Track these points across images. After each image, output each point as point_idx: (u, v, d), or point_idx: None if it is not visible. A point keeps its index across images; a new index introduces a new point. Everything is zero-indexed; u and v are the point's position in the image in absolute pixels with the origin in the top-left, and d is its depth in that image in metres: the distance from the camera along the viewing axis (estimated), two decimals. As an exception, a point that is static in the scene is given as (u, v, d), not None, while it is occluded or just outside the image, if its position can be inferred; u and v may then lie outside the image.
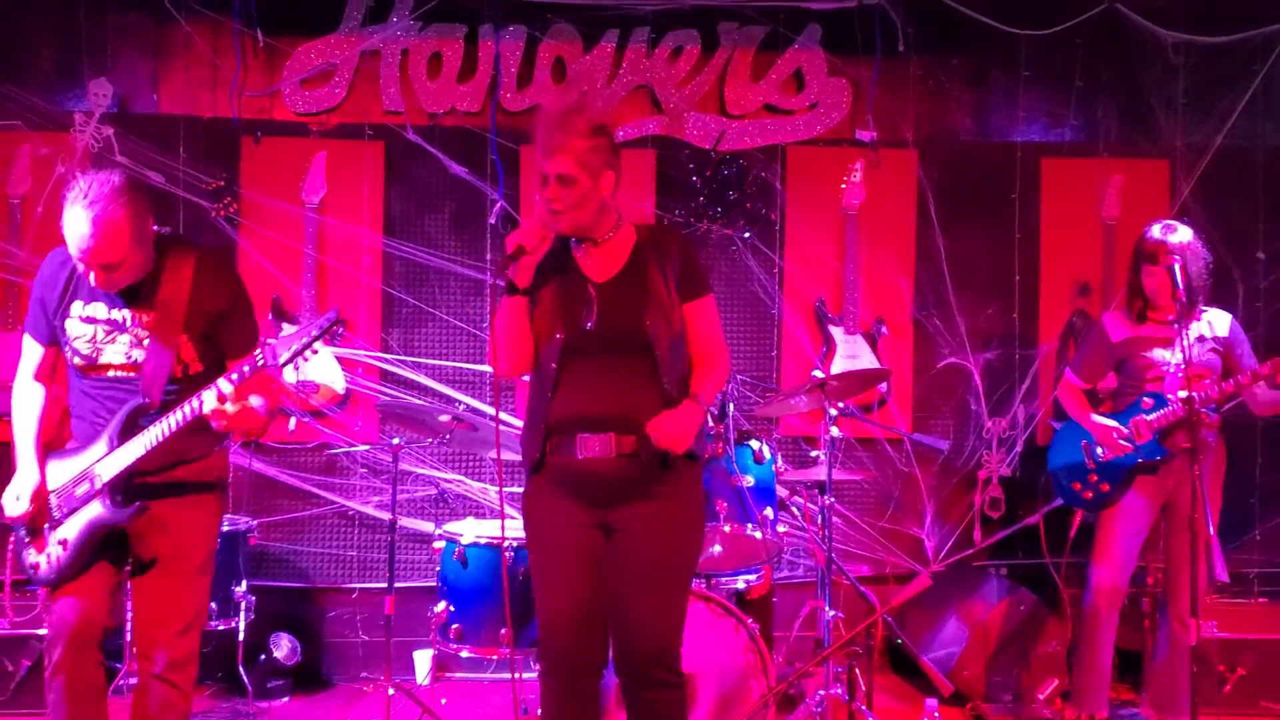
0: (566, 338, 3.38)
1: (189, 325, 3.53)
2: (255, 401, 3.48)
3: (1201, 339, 4.66)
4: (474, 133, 5.90)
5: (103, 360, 3.54)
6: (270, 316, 5.67)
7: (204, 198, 5.74)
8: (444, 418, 4.79)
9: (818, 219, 6.00)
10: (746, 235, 5.99)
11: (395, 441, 4.95)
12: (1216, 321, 4.76)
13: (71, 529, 3.51)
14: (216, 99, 5.86)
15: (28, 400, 3.68)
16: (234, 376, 3.37)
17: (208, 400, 3.38)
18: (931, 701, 4.47)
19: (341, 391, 5.68)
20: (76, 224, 3.31)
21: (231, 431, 3.49)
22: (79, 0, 5.74)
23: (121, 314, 3.53)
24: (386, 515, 5.01)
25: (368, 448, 5.62)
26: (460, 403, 5.76)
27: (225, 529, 5.09)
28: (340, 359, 5.72)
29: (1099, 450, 4.81)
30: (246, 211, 5.78)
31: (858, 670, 4.54)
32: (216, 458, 3.68)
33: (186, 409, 3.41)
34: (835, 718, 4.58)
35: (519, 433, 3.64)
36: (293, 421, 5.65)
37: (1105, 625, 4.76)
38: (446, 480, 5.80)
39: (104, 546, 3.54)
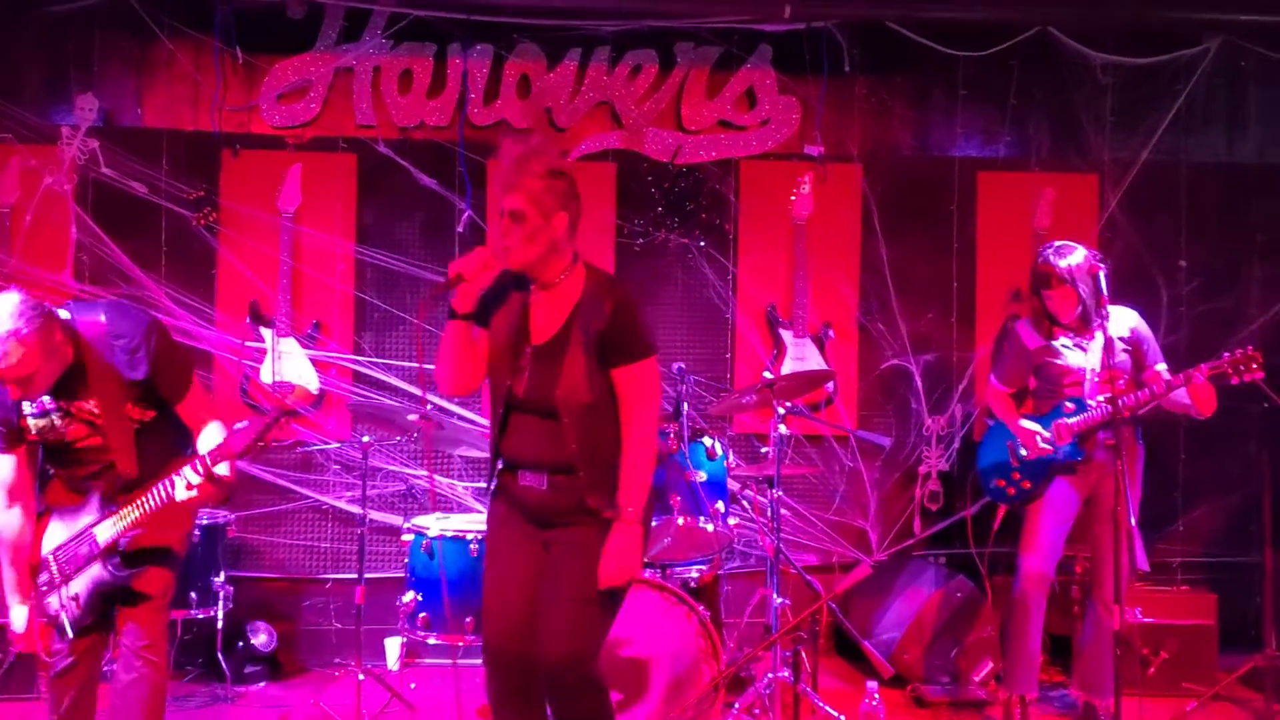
0: (510, 389, 3.48)
1: (129, 397, 3.62)
2: (223, 470, 3.53)
3: (1110, 343, 4.61)
4: (443, 146, 6.05)
5: (68, 439, 3.65)
6: (248, 320, 5.82)
7: (185, 207, 5.88)
8: (412, 417, 4.92)
9: (769, 229, 6.18)
10: (702, 244, 6.17)
11: (365, 439, 5.08)
12: (1120, 320, 4.78)
13: (81, 585, 3.65)
14: (198, 113, 6.00)
15: (7, 531, 3.68)
16: (199, 468, 3.48)
17: (179, 491, 3.49)
18: (873, 684, 4.39)
19: (315, 392, 5.78)
20: None
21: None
22: (67, 19, 5.87)
23: (63, 402, 3.60)
24: (358, 509, 5.14)
25: (340, 445, 5.77)
26: (429, 403, 5.89)
27: (204, 522, 5.24)
28: (314, 361, 5.83)
29: (1022, 450, 4.94)
30: (226, 220, 5.92)
31: (804, 654, 4.58)
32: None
33: (161, 493, 3.53)
34: (782, 699, 4.69)
35: (481, 430, 3.81)
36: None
37: (1034, 610, 4.83)
38: (416, 476, 5.94)
39: (111, 599, 3.68)
